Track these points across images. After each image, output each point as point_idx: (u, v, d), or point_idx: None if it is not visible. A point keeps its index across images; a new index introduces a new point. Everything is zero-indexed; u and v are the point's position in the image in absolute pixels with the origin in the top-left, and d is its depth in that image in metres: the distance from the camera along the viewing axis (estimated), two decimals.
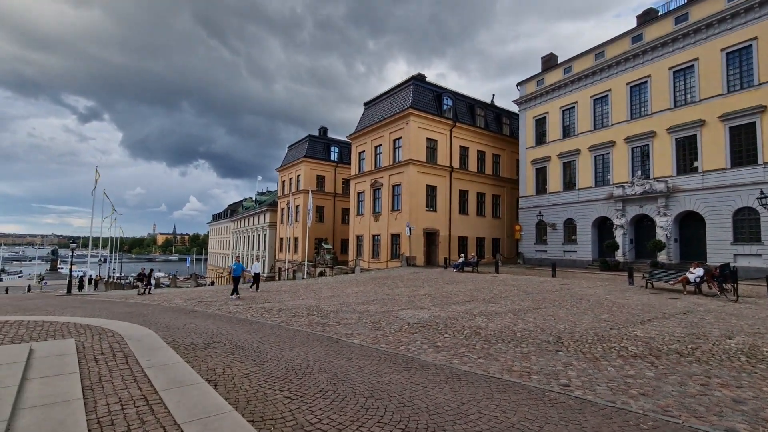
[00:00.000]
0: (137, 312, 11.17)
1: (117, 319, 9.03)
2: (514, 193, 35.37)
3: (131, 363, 4.87)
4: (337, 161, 46.47)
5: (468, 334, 7.63)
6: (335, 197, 45.63)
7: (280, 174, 50.70)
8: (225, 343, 6.75)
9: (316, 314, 10.40)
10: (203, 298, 15.65)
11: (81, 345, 5.74)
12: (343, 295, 14.87)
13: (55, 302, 15.85)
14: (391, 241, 30.56)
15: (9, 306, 13.72)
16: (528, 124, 32.16)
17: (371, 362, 5.58)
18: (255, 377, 4.76)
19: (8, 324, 7.59)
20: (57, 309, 12.48)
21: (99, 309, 12.32)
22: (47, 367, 4.37)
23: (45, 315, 9.93)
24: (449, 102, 32.35)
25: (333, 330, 8.17)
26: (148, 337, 6.35)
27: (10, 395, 3.30)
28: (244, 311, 11.23)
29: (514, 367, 5.44)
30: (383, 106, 33.45)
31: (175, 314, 10.67)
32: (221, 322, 9.13)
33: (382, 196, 31.73)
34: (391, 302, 12.37)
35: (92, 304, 14.28)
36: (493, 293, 14.08)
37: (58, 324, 7.69)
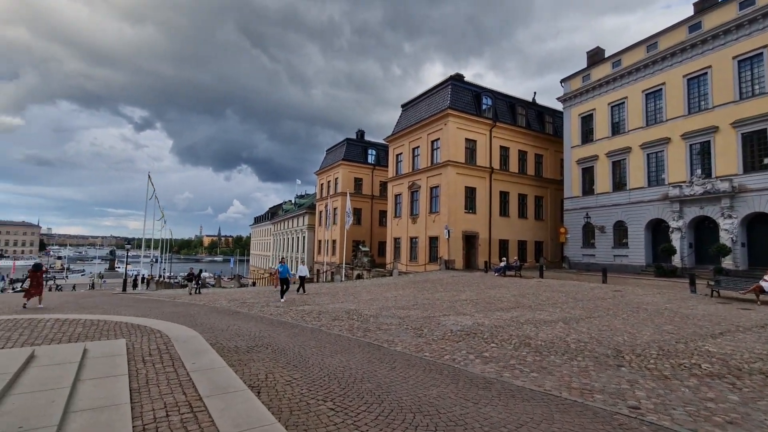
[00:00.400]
0: (184, 312, 11.53)
1: (165, 320, 9.31)
2: (558, 194, 33.90)
3: (177, 366, 4.89)
4: (375, 164, 46.58)
5: (516, 344, 7.18)
6: (372, 200, 45.74)
7: (319, 177, 51.52)
8: (267, 346, 6.73)
9: (356, 318, 10.27)
10: (246, 299, 16.00)
11: (131, 345, 5.88)
12: (383, 298, 14.69)
13: (111, 300, 16.77)
14: (429, 244, 30.11)
15: (72, 304, 14.61)
16: (573, 122, 30.70)
17: (416, 372, 5.31)
18: (297, 385, 4.63)
19: (68, 322, 8.00)
20: (112, 307, 13.14)
21: (149, 308, 12.85)
22: (99, 368, 4.45)
23: (101, 314, 10.44)
24: (489, 101, 31.53)
25: (374, 335, 7.98)
26: (194, 339, 6.43)
27: (62, 398, 3.33)
28: (284, 314, 11.30)
29: (573, 384, 4.98)
30: (421, 107, 33.12)
31: (220, 316, 10.90)
32: (263, 325, 9.19)
33: (420, 199, 31.38)
34: (431, 307, 12.03)
35: (143, 303, 14.96)
36: (540, 300, 13.39)
37: (112, 323, 8.01)
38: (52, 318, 8.65)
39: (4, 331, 6.95)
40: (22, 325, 7.54)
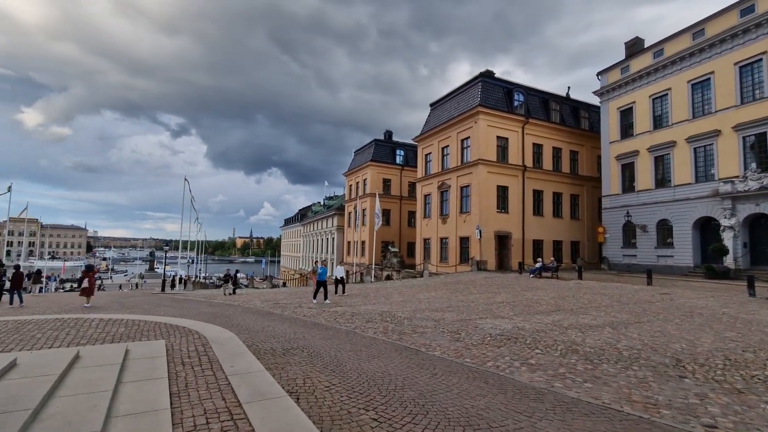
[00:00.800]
0: (220, 313, 11.69)
1: (202, 320, 9.42)
2: (595, 192, 32.51)
3: (215, 369, 4.83)
4: (403, 164, 46.33)
5: (563, 351, 6.75)
6: (401, 200, 45.50)
7: (347, 178, 51.79)
8: (303, 349, 6.62)
9: (390, 321, 10.06)
10: (279, 300, 16.12)
11: (170, 347, 5.90)
12: (415, 300, 14.42)
13: (151, 300, 17.33)
14: (460, 245, 29.55)
15: (116, 303, 15.18)
16: (611, 116, 29.34)
17: (459, 380, 5.03)
18: (337, 391, 4.46)
19: (111, 322, 8.21)
20: (152, 307, 13.52)
21: (186, 309, 13.13)
22: (139, 370, 4.44)
23: (142, 314, 10.71)
24: (521, 97, 30.65)
25: (410, 339, 7.74)
26: (231, 340, 6.40)
27: (104, 401, 3.29)
28: (317, 315, 11.24)
29: (633, 396, 4.56)
30: (450, 106, 32.62)
31: (255, 316, 10.96)
32: (297, 327, 9.13)
33: (450, 198, 30.86)
34: (467, 310, 11.66)
35: (181, 303, 15.34)
36: (581, 303, 12.73)
37: (152, 323, 8.15)
38: (96, 318, 8.92)
39: (53, 331, 7.19)
40: (69, 325, 7.79)
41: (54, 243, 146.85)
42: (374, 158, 44.71)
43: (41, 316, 9.41)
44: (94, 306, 13.43)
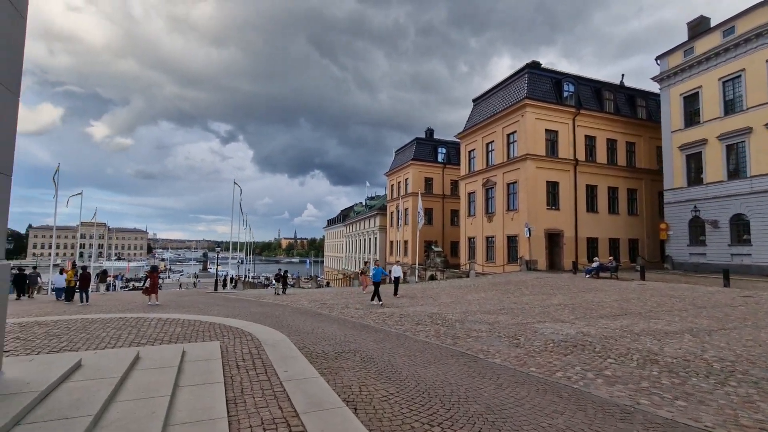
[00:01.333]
0: (270, 313, 11.81)
1: (253, 321, 9.50)
2: (655, 185, 30.18)
3: (270, 373, 4.69)
4: (445, 162, 45.52)
5: (640, 361, 6.06)
6: (444, 199, 44.72)
7: (389, 178, 51.70)
8: (354, 353, 6.40)
9: (440, 323, 9.66)
10: (325, 300, 16.16)
11: (225, 348, 5.88)
12: (464, 302, 13.89)
13: (205, 300, 17.99)
14: (508, 244, 28.44)
15: (173, 303, 15.86)
16: (673, 103, 27.03)
17: (528, 393, 4.57)
18: (396, 402, 4.16)
19: (169, 322, 8.44)
20: (206, 307, 13.96)
21: (238, 308, 13.42)
22: (196, 374, 4.38)
23: (197, 313, 11.03)
24: (570, 88, 29.02)
25: (465, 344, 7.31)
26: (282, 343, 6.30)
27: (162, 408, 3.19)
28: (365, 316, 11.05)
29: (742, 420, 3.90)
30: (494, 100, 31.53)
31: (303, 317, 10.96)
32: (346, 328, 8.97)
33: (496, 196, 29.81)
34: (522, 313, 11.00)
35: (233, 303, 15.76)
36: (649, 306, 11.66)
37: (206, 324, 8.28)
38: (155, 317, 9.24)
39: (116, 330, 7.46)
40: (131, 324, 8.08)
41: (119, 245, 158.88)
42: (416, 157, 44.25)
43: (106, 314, 9.91)
44: (156, 304, 14.13)
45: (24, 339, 6.54)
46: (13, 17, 3.46)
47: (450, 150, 46.33)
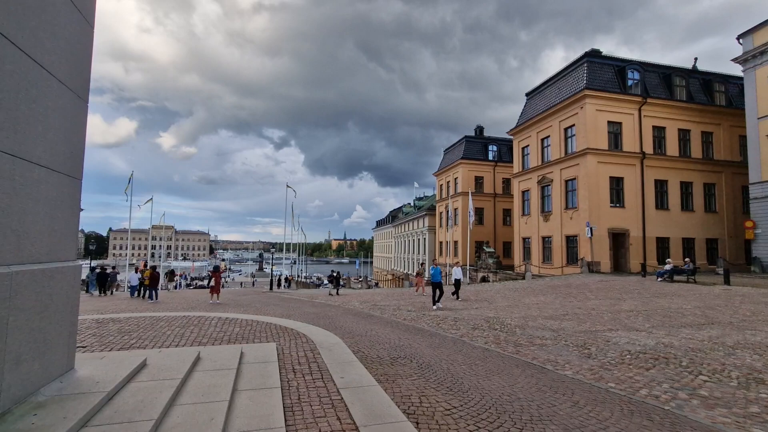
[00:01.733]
0: (322, 314, 11.86)
1: (307, 322, 9.53)
2: (737, 179, 27.14)
3: (326, 379, 4.55)
4: (496, 160, 44.06)
5: (741, 380, 5.24)
6: (495, 198, 43.29)
7: (438, 178, 50.98)
8: (410, 358, 6.13)
9: (499, 328, 9.13)
10: (377, 301, 16.06)
11: (281, 350, 5.86)
12: (522, 305, 13.15)
13: (261, 299, 18.61)
14: (567, 244, 26.83)
15: (233, 302, 16.53)
16: (760, 86, 24.04)
17: (612, 414, 4.04)
18: (460, 417, 3.83)
19: (228, 321, 8.67)
20: (263, 306, 14.37)
21: (292, 308, 13.66)
22: (253, 377, 4.33)
23: (254, 313, 11.31)
24: (635, 75, 26.82)
25: (529, 352, 6.78)
26: (337, 346, 6.17)
27: (221, 415, 3.12)
28: (417, 319, 10.75)
29: None
30: (549, 93, 29.94)
31: (355, 319, 10.87)
32: (400, 332, 8.72)
33: (553, 194, 28.25)
34: (588, 319, 10.16)
35: (287, 303, 16.11)
36: (741, 314, 10.30)
37: (263, 324, 8.41)
38: (216, 316, 9.56)
39: (180, 328, 7.75)
40: (193, 323, 8.39)
41: (184, 246, 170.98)
42: (465, 156, 43.23)
43: (172, 313, 10.43)
44: (218, 303, 14.82)
45: (100, 335, 6.96)
46: (81, 26, 3.57)
47: (501, 147, 44.78)
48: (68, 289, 3.48)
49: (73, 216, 3.61)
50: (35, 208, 3.01)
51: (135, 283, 19.03)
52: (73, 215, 3.60)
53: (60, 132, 3.33)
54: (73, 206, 3.59)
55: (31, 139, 2.92)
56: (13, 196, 2.74)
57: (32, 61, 2.88)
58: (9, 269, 2.68)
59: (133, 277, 19.51)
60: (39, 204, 3.06)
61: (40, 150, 3.04)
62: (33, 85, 2.92)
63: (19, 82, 2.77)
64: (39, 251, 3.07)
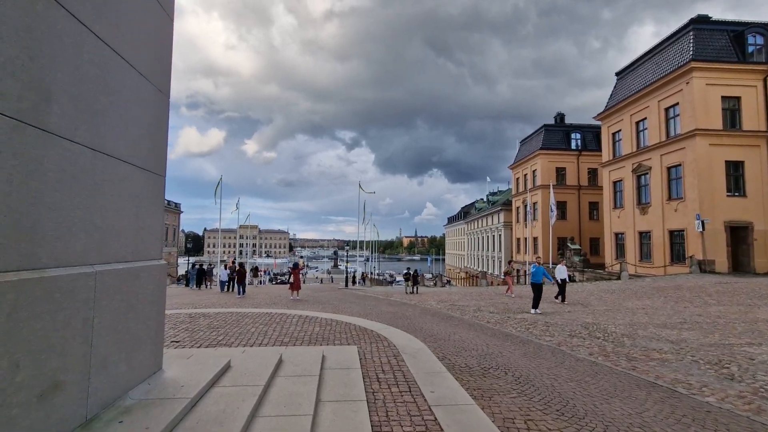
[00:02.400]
0: (400, 314, 11.48)
1: (385, 322, 9.19)
2: None
3: (414, 393, 4.07)
4: (580, 149, 40.47)
5: None
6: (579, 190, 39.77)
7: (513, 171, 48.33)
8: (504, 370, 5.43)
9: (602, 337, 7.97)
10: (454, 301, 15.33)
11: (362, 355, 5.52)
12: (624, 310, 11.58)
13: (337, 296, 18.85)
14: (670, 240, 23.59)
15: (312, 299, 16.89)
16: None
17: None
18: None
19: (308, 320, 8.64)
20: (340, 303, 14.43)
21: (368, 306, 13.49)
22: (336, 385, 4.01)
23: (332, 311, 11.29)
24: (758, 40, 22.65)
25: (648, 368, 5.69)
26: (422, 353, 5.68)
27: (305, 430, 2.76)
28: (503, 323, 9.88)
29: None
30: (645, 70, 26.56)
31: (435, 320, 10.31)
32: (486, 336, 7.99)
33: (651, 183, 25.02)
34: (716, 329, 8.50)
35: (363, 300, 16.04)
36: None
37: (342, 324, 8.22)
38: (296, 314, 9.63)
39: (263, 326, 7.84)
40: (276, 320, 8.48)
41: (267, 244, 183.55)
42: (545, 145, 40.29)
43: (256, 309, 10.77)
44: (297, 299, 15.23)
45: (191, 330, 7.25)
46: (161, 16, 3.47)
47: (586, 135, 41.02)
48: (154, 288, 3.40)
49: (157, 213, 3.53)
50: (119, 205, 2.92)
51: (225, 278, 20.40)
52: (157, 213, 3.53)
53: (141, 126, 3.24)
54: (156, 204, 3.52)
55: (111, 133, 2.81)
56: (95, 193, 2.63)
57: (111, 50, 2.76)
58: (93, 269, 2.57)
59: (223, 273, 20.95)
60: (122, 201, 2.97)
61: (121, 145, 2.93)
62: (112, 77, 2.81)
63: (98, 73, 2.65)
64: (124, 250, 2.98)
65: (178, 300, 14.62)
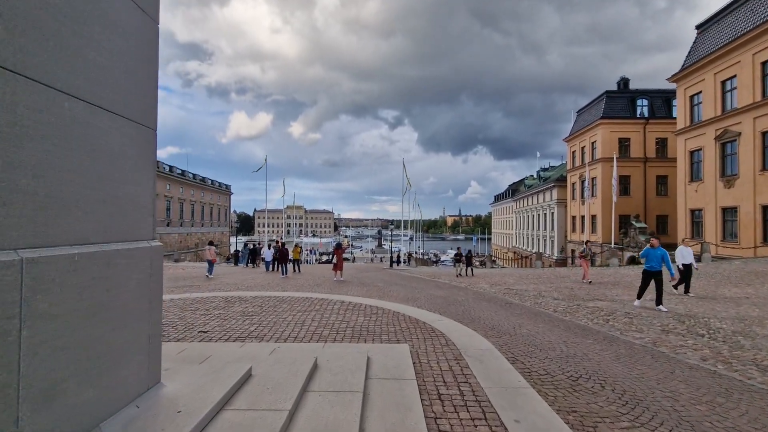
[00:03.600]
0: (452, 299, 10.38)
1: (437, 310, 8.16)
2: None
3: (492, 423, 2.98)
4: (647, 117, 36.37)
5: None
6: (645, 163, 35.98)
7: (569, 144, 44.74)
8: (598, 380, 4.21)
9: (707, 334, 6.44)
10: (509, 284, 13.99)
11: (416, 357, 4.51)
12: (721, 299, 9.75)
13: (382, 276, 18.05)
14: (763, 217, 20.43)
15: (355, 279, 16.19)
16: None
17: None
18: None
19: (351, 307, 7.77)
20: (385, 285, 13.58)
21: (415, 289, 12.51)
22: (386, 407, 3.03)
23: (377, 296, 10.41)
24: None
25: None
26: (489, 355, 4.58)
27: None
28: (572, 312, 8.50)
29: None
30: (735, 19, 22.73)
31: (492, 306, 9.13)
32: (559, 330, 6.72)
33: (740, 151, 21.68)
34: None
35: (409, 282, 15.09)
36: None
37: (389, 313, 7.26)
38: (338, 300, 8.82)
39: (301, 314, 7.07)
40: (315, 308, 7.69)
41: (313, 224, 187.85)
42: (606, 114, 36.57)
43: (296, 293, 10.10)
44: (341, 280, 14.61)
45: (224, 318, 6.61)
46: None
47: (654, 101, 36.79)
48: (142, 278, 2.54)
49: (145, 179, 2.63)
50: (75, 162, 2.02)
51: (269, 258, 20.26)
52: (145, 177, 2.63)
53: (116, 54, 2.30)
54: (143, 166, 2.62)
55: (80, 67, 1.89)
56: (24, 141, 1.73)
57: None
58: (19, 255, 1.69)
59: (267, 254, 20.82)
60: (82, 157, 2.07)
61: (80, 76, 2.01)
62: None
63: None
64: (84, 227, 2.10)
65: (222, 281, 14.43)
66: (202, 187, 60.80)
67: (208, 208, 62.52)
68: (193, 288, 11.76)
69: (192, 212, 56.89)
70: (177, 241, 51.72)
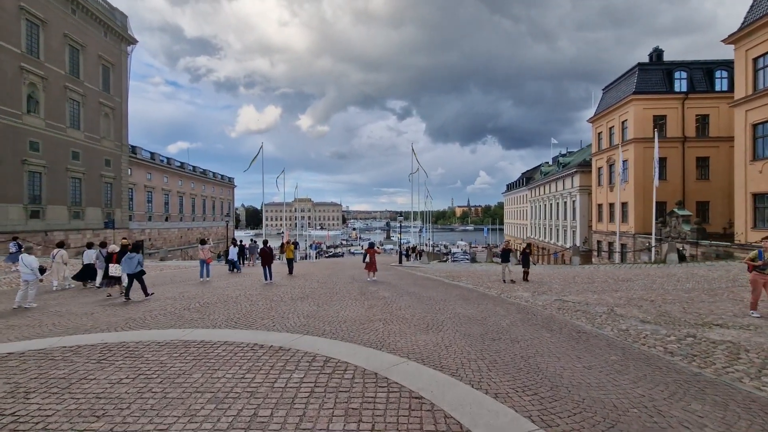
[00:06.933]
0: (491, 325, 7.07)
1: (476, 353, 4.87)
2: None
3: None
4: (686, 91, 32.30)
5: None
6: (684, 143, 32.01)
7: (594, 125, 40.74)
8: None
9: None
10: (557, 292, 10.61)
11: None
12: None
13: (390, 278, 14.83)
14: None
15: (353, 283, 13.04)
16: None
17: None
18: None
19: (316, 385, 4.52)
20: (393, 296, 10.42)
21: (435, 304, 9.26)
22: None
23: (378, 332, 7.16)
24: None
25: None
26: None
27: None
28: (698, 353, 5.17)
29: None
30: None
31: (560, 343, 5.79)
32: (718, 411, 3.41)
33: None
34: None
35: (423, 289, 11.82)
36: None
37: (397, 401, 4.00)
38: (303, 355, 5.57)
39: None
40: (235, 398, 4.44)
41: (320, 217, 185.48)
42: (639, 89, 32.56)
43: (235, 333, 6.87)
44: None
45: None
46: None
47: (694, 73, 32.64)
48: None
49: None
50: None
51: (233, 256, 17.34)
52: None
53: None
54: None
55: None
56: None
57: None
58: None
59: (232, 251, 17.72)
60: None
61: None
62: None
63: None
64: None
65: (170, 293, 11.26)
66: (203, 180, 58.09)
67: (210, 202, 59.88)
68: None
69: (193, 206, 54.25)
70: (177, 237, 49.13)
